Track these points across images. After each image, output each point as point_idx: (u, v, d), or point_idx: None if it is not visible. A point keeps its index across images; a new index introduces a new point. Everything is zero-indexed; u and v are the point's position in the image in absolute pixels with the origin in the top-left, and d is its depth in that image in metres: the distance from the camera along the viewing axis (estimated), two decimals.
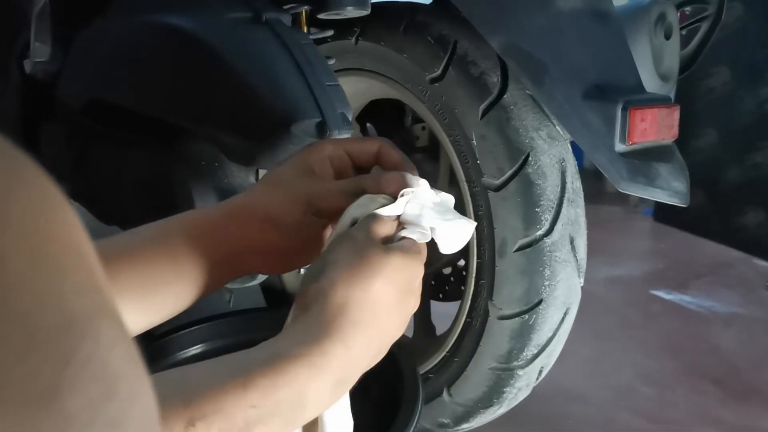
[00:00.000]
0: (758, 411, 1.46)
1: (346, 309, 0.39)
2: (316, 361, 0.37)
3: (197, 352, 1.07)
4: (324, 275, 0.40)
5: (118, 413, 0.16)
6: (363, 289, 0.39)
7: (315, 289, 0.40)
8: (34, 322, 0.15)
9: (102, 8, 1.16)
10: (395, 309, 0.41)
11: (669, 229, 2.95)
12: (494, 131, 1.00)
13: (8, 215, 0.15)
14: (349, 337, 0.38)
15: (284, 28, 0.92)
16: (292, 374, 0.35)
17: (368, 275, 0.40)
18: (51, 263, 0.16)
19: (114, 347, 0.17)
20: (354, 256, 0.40)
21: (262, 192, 0.48)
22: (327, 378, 0.37)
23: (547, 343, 1.05)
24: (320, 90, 0.86)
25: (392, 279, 0.40)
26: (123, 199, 1.17)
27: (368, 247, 0.41)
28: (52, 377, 0.15)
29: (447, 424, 1.18)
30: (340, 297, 0.39)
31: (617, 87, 0.92)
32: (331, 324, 0.38)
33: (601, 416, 1.43)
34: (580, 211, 1.04)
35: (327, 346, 0.38)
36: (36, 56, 1.21)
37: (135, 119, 1.05)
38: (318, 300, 0.40)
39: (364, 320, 0.39)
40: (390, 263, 0.40)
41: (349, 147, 0.49)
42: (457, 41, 1.03)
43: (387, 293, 0.40)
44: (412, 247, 0.43)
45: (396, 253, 0.41)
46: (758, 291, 2.23)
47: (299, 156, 0.49)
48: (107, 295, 0.18)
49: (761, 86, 2.56)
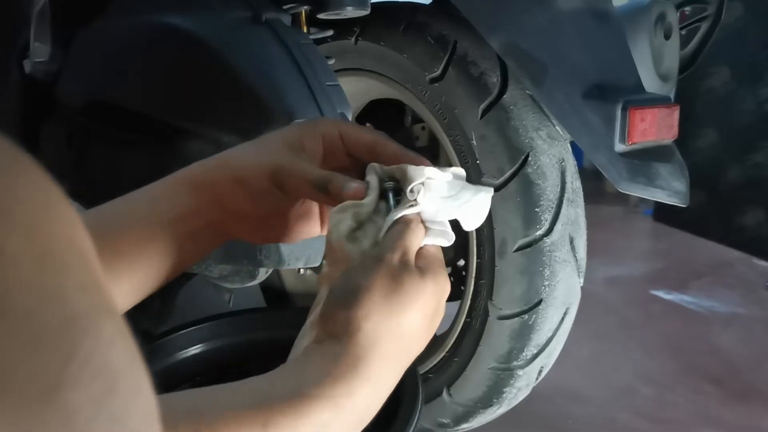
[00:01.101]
0: (758, 411, 1.46)
1: (378, 344, 0.37)
2: (342, 403, 0.35)
3: (197, 352, 1.07)
4: (357, 304, 0.37)
5: (120, 409, 0.17)
6: (399, 322, 0.37)
7: (345, 318, 0.37)
8: (37, 320, 0.15)
9: (102, 8, 1.16)
10: (424, 335, 0.40)
11: (669, 229, 2.96)
12: (494, 131, 1.00)
13: (12, 215, 0.15)
14: (378, 375, 0.37)
15: (284, 28, 0.92)
16: (316, 416, 0.34)
17: (404, 306, 0.38)
18: (54, 262, 0.16)
19: (115, 344, 0.17)
20: (389, 283, 0.38)
21: (242, 148, 0.47)
22: (351, 418, 0.36)
23: (546, 343, 1.05)
24: (320, 90, 0.86)
25: (426, 306, 0.39)
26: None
27: (404, 274, 0.38)
28: (55, 373, 0.15)
29: (447, 424, 1.18)
30: (375, 331, 0.37)
31: (617, 87, 0.92)
32: (362, 361, 0.36)
33: (601, 416, 1.43)
34: (580, 211, 1.04)
35: (355, 386, 0.36)
36: (36, 56, 1.21)
37: (135, 119, 1.05)
38: (349, 331, 0.37)
39: (395, 354, 0.38)
40: (425, 291, 0.39)
41: (345, 130, 0.47)
42: (457, 41, 1.03)
43: (419, 322, 0.39)
44: (441, 266, 0.41)
45: (430, 279, 0.39)
46: (758, 291, 2.23)
47: (294, 126, 0.47)
48: (107, 294, 0.18)
49: (761, 86, 2.56)
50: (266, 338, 1.10)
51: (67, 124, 1.25)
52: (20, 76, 1.27)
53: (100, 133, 1.20)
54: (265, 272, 1.11)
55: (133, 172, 1.15)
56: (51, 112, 1.28)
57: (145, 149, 1.12)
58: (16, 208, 0.15)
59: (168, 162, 1.06)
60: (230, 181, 0.45)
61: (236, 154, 0.46)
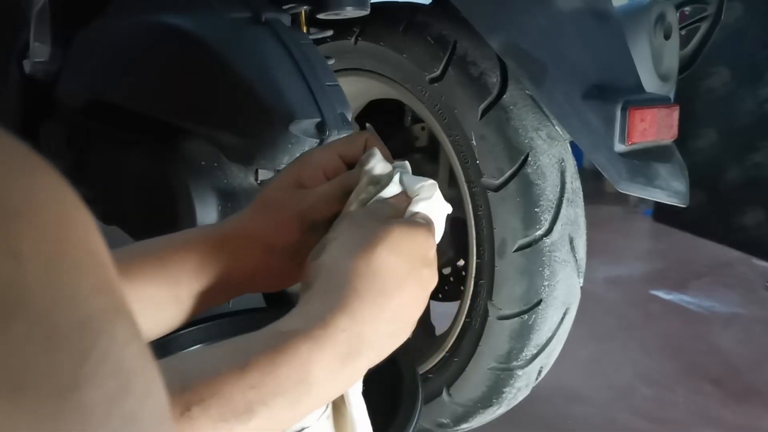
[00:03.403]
0: (758, 411, 1.46)
1: (348, 281, 0.37)
2: (317, 334, 0.35)
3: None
4: (325, 251, 0.39)
5: (134, 408, 0.17)
6: (366, 259, 0.38)
7: (316, 266, 0.39)
8: (53, 320, 0.15)
9: (102, 8, 1.16)
10: (407, 280, 0.39)
11: (669, 229, 2.96)
12: (494, 131, 1.00)
13: (28, 217, 0.16)
14: (355, 310, 0.36)
15: (284, 28, 0.92)
16: (292, 350, 0.34)
17: (370, 246, 0.38)
18: (69, 264, 0.16)
19: (128, 344, 0.18)
20: (354, 230, 0.40)
21: (256, 217, 0.46)
22: (331, 351, 0.35)
23: (546, 343, 1.05)
24: (320, 90, 0.86)
25: (397, 249, 0.38)
26: (123, 199, 1.17)
27: (368, 221, 0.40)
28: (71, 372, 0.15)
29: (446, 424, 1.18)
30: (342, 269, 0.37)
31: (617, 87, 0.92)
32: (333, 296, 0.37)
33: (601, 416, 1.43)
34: (580, 211, 1.04)
35: (328, 318, 0.36)
36: (36, 56, 1.21)
37: (135, 119, 1.05)
38: (319, 276, 0.38)
39: (371, 292, 0.37)
40: (392, 232, 0.39)
41: (340, 149, 0.48)
42: (456, 41, 1.03)
43: (394, 264, 0.38)
44: (415, 218, 0.42)
45: (397, 223, 0.40)
46: (758, 291, 2.23)
47: (289, 171, 0.47)
48: (121, 295, 0.18)
49: (761, 86, 2.56)
50: None
51: (67, 124, 1.25)
52: (20, 76, 1.27)
53: (100, 133, 1.20)
54: None
55: (132, 172, 1.15)
56: (51, 112, 1.28)
57: (145, 149, 1.12)
58: (32, 210, 0.16)
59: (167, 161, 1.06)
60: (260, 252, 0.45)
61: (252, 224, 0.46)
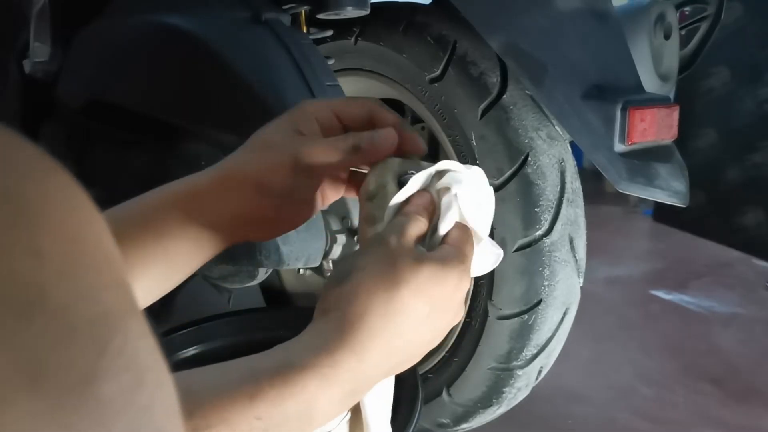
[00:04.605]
0: (758, 411, 1.46)
1: (365, 319, 0.37)
2: (327, 373, 0.35)
3: (196, 352, 1.07)
4: (348, 280, 0.38)
5: (148, 400, 0.18)
6: (387, 299, 0.37)
7: (336, 294, 0.38)
8: (72, 315, 0.16)
9: (102, 8, 1.16)
10: (424, 324, 0.38)
11: (668, 229, 2.96)
12: (494, 131, 1.00)
13: (47, 217, 0.16)
14: (365, 349, 0.36)
15: (283, 28, 0.93)
16: (301, 386, 0.34)
17: (395, 285, 0.37)
18: (86, 261, 0.17)
19: (141, 339, 0.18)
20: (383, 263, 0.38)
21: (249, 156, 0.45)
22: (337, 390, 0.35)
23: (546, 343, 1.05)
24: (320, 90, 0.86)
25: (423, 292, 0.38)
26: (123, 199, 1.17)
27: (400, 255, 0.38)
28: (88, 365, 0.16)
29: (446, 424, 1.18)
30: (361, 305, 0.37)
31: (617, 87, 0.92)
32: (347, 333, 0.36)
33: (601, 416, 1.43)
34: (580, 211, 1.04)
35: (339, 356, 0.36)
36: (36, 56, 1.21)
37: (135, 119, 1.05)
38: (338, 306, 0.37)
39: (385, 332, 0.37)
40: (420, 274, 0.37)
41: (337, 107, 0.46)
42: (456, 41, 1.03)
43: (415, 306, 0.37)
44: (452, 256, 0.40)
45: (429, 264, 0.38)
46: (758, 291, 2.23)
47: (284, 116, 0.46)
48: (132, 293, 0.19)
49: (761, 86, 2.56)
50: (266, 338, 1.10)
51: (67, 124, 1.25)
52: (20, 76, 1.27)
53: (100, 133, 1.20)
54: (264, 272, 1.11)
55: (132, 172, 1.15)
56: (51, 112, 1.28)
57: (145, 149, 1.12)
58: (49, 210, 0.17)
59: (167, 161, 1.06)
60: (251, 191, 0.44)
61: (243, 163, 0.45)
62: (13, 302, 0.15)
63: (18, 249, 0.15)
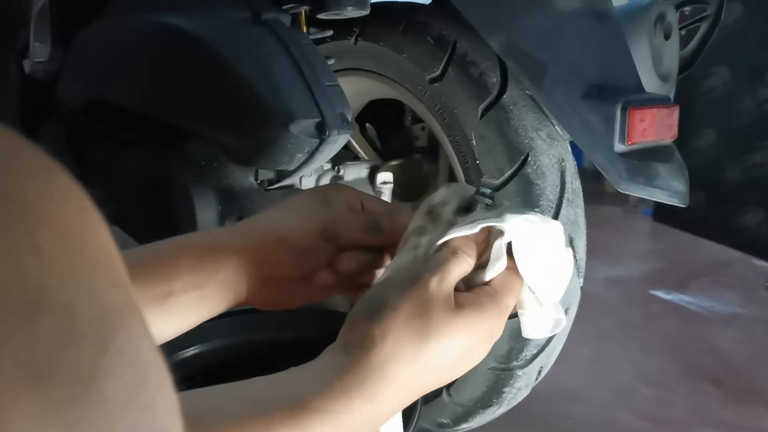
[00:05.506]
0: (758, 411, 1.46)
1: (388, 368, 0.35)
2: (341, 419, 0.34)
3: (196, 352, 1.07)
4: (379, 319, 0.36)
5: (149, 398, 0.18)
6: (415, 349, 0.36)
7: (363, 332, 0.36)
8: (75, 314, 0.16)
9: (102, 8, 1.16)
10: (446, 372, 0.38)
11: (668, 229, 2.96)
12: (494, 131, 1.00)
13: (49, 218, 0.17)
14: (384, 398, 0.36)
15: (283, 28, 0.93)
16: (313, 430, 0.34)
17: (425, 337, 0.36)
18: (87, 261, 0.17)
19: (143, 338, 0.18)
20: (418, 307, 0.36)
21: (280, 211, 0.47)
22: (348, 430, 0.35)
23: (546, 343, 1.05)
24: (319, 90, 0.86)
25: (452, 343, 0.37)
26: (123, 198, 1.17)
27: (436, 303, 0.37)
28: (92, 363, 0.16)
29: (446, 424, 1.18)
30: (388, 352, 0.36)
31: (617, 87, 0.92)
32: (369, 380, 0.35)
33: (601, 416, 1.43)
34: (580, 211, 1.04)
35: (357, 405, 0.35)
36: (36, 56, 1.21)
37: (135, 119, 1.05)
38: (362, 346, 0.36)
39: (406, 382, 0.36)
40: (454, 327, 0.36)
41: (366, 200, 0.49)
42: (456, 41, 1.03)
43: (441, 357, 0.37)
44: (490, 304, 0.39)
45: (464, 315, 0.37)
46: (758, 291, 2.23)
47: (317, 188, 0.49)
48: (132, 293, 0.19)
49: (761, 86, 2.56)
50: (266, 338, 1.10)
51: (67, 124, 1.25)
52: (20, 76, 1.28)
53: (100, 133, 1.20)
54: None
55: (132, 172, 1.15)
56: (51, 112, 1.28)
57: (145, 149, 1.12)
58: (51, 210, 0.17)
59: (167, 161, 1.06)
60: (274, 242, 0.45)
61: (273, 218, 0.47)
62: (17, 303, 0.15)
63: (20, 250, 0.16)
